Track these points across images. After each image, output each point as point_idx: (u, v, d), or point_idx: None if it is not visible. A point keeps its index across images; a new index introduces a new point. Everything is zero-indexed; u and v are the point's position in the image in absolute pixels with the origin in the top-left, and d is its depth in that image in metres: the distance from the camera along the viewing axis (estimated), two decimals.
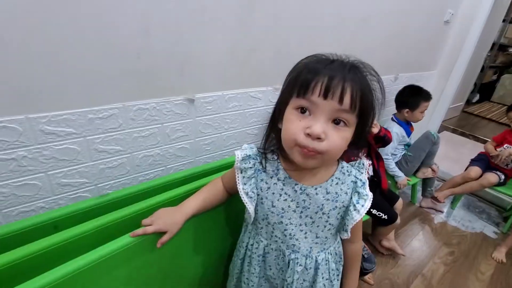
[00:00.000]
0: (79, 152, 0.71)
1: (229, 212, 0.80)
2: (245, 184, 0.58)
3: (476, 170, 1.72)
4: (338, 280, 0.68)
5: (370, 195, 0.58)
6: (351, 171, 0.59)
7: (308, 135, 0.45)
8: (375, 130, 1.16)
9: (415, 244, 1.54)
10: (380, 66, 1.57)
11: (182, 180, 0.81)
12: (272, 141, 0.58)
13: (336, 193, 0.57)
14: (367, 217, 1.26)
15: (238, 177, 0.59)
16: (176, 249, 0.68)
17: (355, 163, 0.60)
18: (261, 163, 0.59)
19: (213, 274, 0.86)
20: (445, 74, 2.06)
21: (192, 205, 0.65)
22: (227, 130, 1.01)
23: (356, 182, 0.58)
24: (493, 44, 3.71)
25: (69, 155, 0.70)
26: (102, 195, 0.68)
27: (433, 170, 1.69)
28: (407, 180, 1.58)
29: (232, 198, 0.72)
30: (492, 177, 1.65)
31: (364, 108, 0.47)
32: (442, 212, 1.81)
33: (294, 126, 0.47)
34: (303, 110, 0.47)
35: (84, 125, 0.69)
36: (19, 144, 0.62)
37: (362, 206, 0.57)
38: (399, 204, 1.38)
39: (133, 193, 0.72)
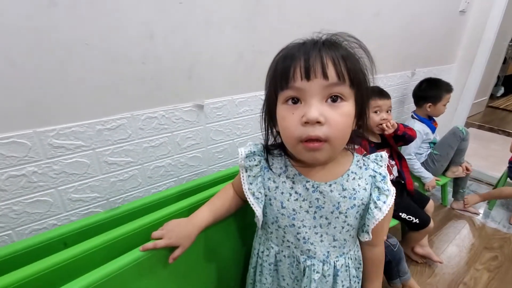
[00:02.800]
0: (89, 165, 0.69)
1: (243, 217, 0.75)
2: (251, 183, 0.53)
3: None
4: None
5: (393, 190, 0.51)
6: (368, 165, 0.53)
7: (306, 123, 0.42)
8: (390, 131, 1.07)
9: (452, 250, 1.40)
10: (396, 61, 1.51)
11: (194, 190, 0.77)
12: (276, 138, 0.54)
13: (354, 189, 0.51)
14: (396, 222, 1.16)
15: (242, 176, 0.54)
16: (188, 262, 0.64)
17: (371, 156, 0.54)
18: (267, 160, 0.54)
19: (230, 286, 0.80)
20: (465, 67, 1.96)
21: (204, 217, 0.60)
22: (240, 136, 0.97)
23: (375, 177, 0.52)
24: None
25: (79, 169, 0.68)
26: (112, 209, 0.66)
27: (467, 169, 1.56)
28: (436, 180, 1.46)
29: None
30: None
31: (354, 75, 0.43)
32: (477, 214, 1.66)
33: (289, 121, 0.44)
34: (293, 100, 0.44)
35: (93, 137, 0.67)
36: (29, 160, 0.61)
37: (384, 202, 0.50)
38: (430, 207, 1.27)
39: (144, 205, 0.69)
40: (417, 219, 1.13)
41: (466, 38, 1.90)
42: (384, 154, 0.54)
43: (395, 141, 1.15)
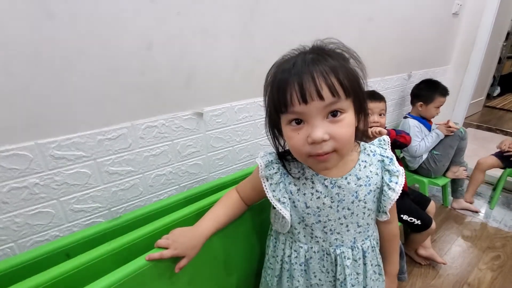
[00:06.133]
0: (90, 175, 0.69)
1: (250, 223, 0.75)
2: (274, 191, 0.55)
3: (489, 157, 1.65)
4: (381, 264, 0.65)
5: (402, 170, 0.56)
6: (375, 150, 0.57)
7: (313, 143, 0.45)
8: (372, 139, 1.07)
9: (455, 251, 1.40)
10: (392, 64, 1.53)
11: (195, 197, 0.78)
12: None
13: (367, 176, 0.55)
14: (398, 224, 1.16)
15: (265, 186, 0.56)
16: (194, 271, 0.63)
17: (375, 141, 0.59)
18: (284, 166, 0.56)
19: None
20: (461, 68, 1.98)
21: (208, 225, 0.61)
22: (240, 142, 0.98)
23: (383, 161, 0.56)
24: (508, 33, 3.56)
25: (81, 180, 0.68)
26: (114, 218, 0.66)
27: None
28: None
29: (254, 209, 0.68)
30: (489, 159, 1.61)
31: (348, 85, 0.44)
32: (478, 212, 1.66)
33: (296, 141, 0.47)
34: (296, 121, 0.46)
35: (94, 147, 0.68)
36: (30, 171, 0.61)
37: (396, 183, 0.55)
38: (431, 207, 1.27)
39: (146, 213, 0.69)
40: (419, 221, 1.13)
41: (460, 39, 1.93)
42: (386, 137, 0.60)
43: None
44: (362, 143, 0.58)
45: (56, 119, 0.62)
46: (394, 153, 0.61)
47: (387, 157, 0.56)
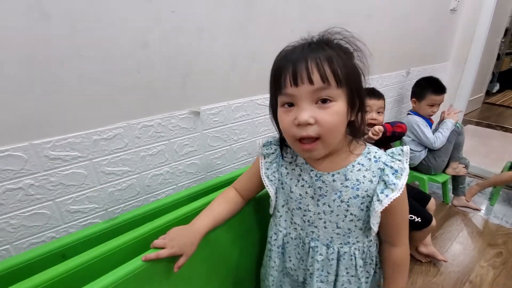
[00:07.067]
0: (86, 176, 0.69)
1: (248, 219, 0.74)
2: (267, 169, 0.60)
3: None
4: (367, 282, 0.61)
5: (400, 185, 0.50)
6: (379, 157, 0.53)
7: (299, 125, 0.46)
8: (375, 137, 1.06)
9: (456, 248, 1.39)
10: (390, 61, 1.52)
11: (192, 197, 0.77)
12: None
13: (357, 180, 0.52)
14: None
15: (261, 162, 0.61)
16: (191, 270, 0.63)
17: (390, 149, 0.54)
18: (281, 149, 0.60)
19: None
20: (459, 65, 1.97)
21: (205, 222, 0.60)
22: (237, 141, 0.97)
23: (383, 169, 0.52)
24: (506, 30, 3.55)
25: (77, 180, 0.68)
26: (111, 218, 0.65)
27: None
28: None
29: (252, 204, 0.68)
30: None
31: (342, 76, 0.45)
32: (479, 210, 1.65)
33: (285, 123, 0.49)
34: (289, 104, 0.48)
35: (90, 147, 0.67)
36: (25, 172, 0.61)
37: (387, 196, 0.50)
38: (431, 205, 1.26)
39: (143, 213, 0.68)
40: (419, 218, 1.12)
41: (459, 36, 1.92)
42: (406, 148, 0.53)
43: (388, 141, 1.14)
44: (369, 146, 0.55)
45: (51, 119, 0.61)
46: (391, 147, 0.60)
47: (391, 167, 0.51)
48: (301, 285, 0.64)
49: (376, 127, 1.04)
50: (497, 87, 4.19)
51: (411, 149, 1.53)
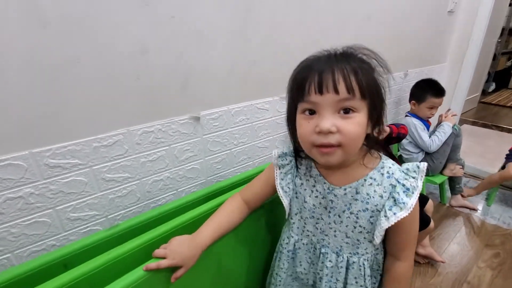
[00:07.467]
0: (87, 183, 0.68)
1: (257, 227, 0.74)
2: (282, 179, 0.61)
3: None
4: None
5: (410, 204, 0.49)
6: (393, 173, 0.52)
7: (320, 132, 0.46)
8: (381, 136, 1.07)
9: (453, 249, 1.41)
10: (388, 63, 1.52)
11: (195, 202, 0.77)
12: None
13: (368, 194, 0.53)
14: None
15: (276, 173, 0.62)
16: (195, 278, 0.63)
17: (406, 165, 0.53)
18: (296, 160, 0.61)
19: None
20: (456, 66, 1.99)
21: (208, 234, 0.60)
22: (237, 145, 0.97)
23: (395, 186, 0.51)
24: (503, 30, 3.58)
25: (77, 188, 0.67)
26: (112, 226, 0.65)
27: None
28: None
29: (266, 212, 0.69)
30: None
31: (366, 88, 0.46)
32: (476, 210, 1.67)
33: (304, 129, 0.49)
34: (310, 111, 0.48)
35: (90, 154, 0.67)
36: (25, 181, 0.60)
37: (394, 214, 0.50)
38: (429, 206, 1.27)
39: (144, 220, 0.68)
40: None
41: (456, 37, 1.93)
42: (423, 165, 0.52)
43: (389, 143, 1.15)
44: (383, 160, 0.55)
45: (50, 127, 0.61)
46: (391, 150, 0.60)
47: (403, 185, 0.51)
48: None
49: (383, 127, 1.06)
50: (493, 86, 4.23)
51: (408, 151, 1.56)
